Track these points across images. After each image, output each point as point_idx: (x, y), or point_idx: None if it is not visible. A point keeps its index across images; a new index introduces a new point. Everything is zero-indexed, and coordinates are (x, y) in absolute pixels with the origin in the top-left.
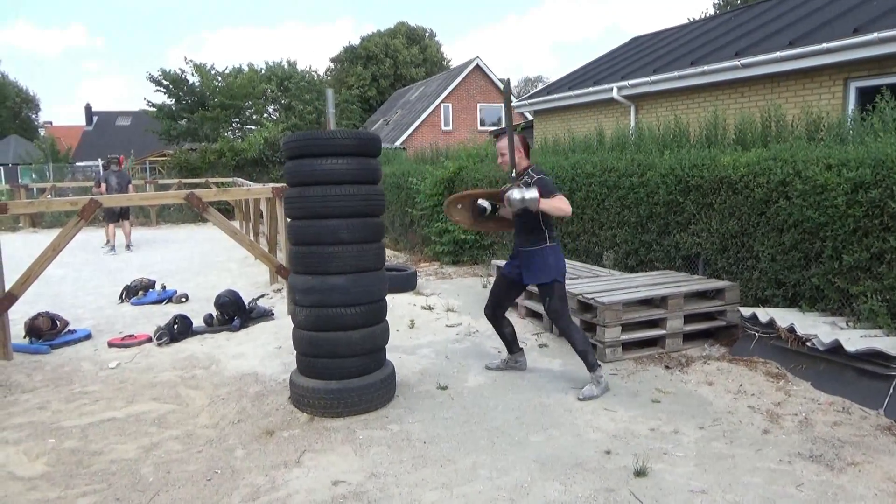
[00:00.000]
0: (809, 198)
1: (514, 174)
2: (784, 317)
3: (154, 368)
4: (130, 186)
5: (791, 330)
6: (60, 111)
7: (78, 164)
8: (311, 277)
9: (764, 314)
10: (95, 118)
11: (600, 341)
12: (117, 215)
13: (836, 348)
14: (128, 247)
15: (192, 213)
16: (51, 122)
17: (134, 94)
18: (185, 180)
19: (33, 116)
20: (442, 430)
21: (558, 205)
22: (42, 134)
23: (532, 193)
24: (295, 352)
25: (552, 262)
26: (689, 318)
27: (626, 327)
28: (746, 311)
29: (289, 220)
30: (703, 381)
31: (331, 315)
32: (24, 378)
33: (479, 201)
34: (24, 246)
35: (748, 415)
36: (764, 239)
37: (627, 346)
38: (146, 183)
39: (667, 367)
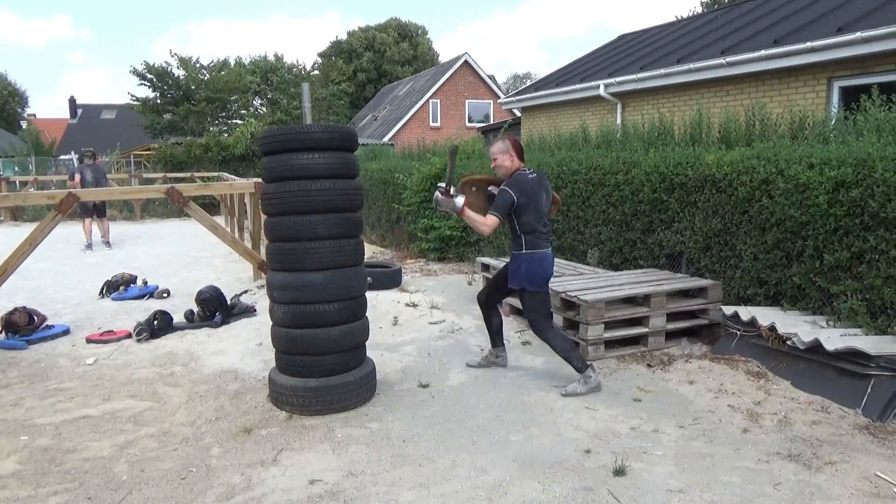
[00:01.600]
0: (791, 196)
1: (444, 185)
2: (765, 315)
3: (132, 365)
4: (107, 180)
5: (772, 328)
6: (44, 103)
7: (62, 157)
8: (289, 274)
9: (745, 313)
10: (80, 111)
11: (583, 339)
12: (91, 210)
13: (815, 347)
14: (106, 244)
15: (176, 207)
16: (34, 115)
17: (119, 87)
18: (169, 174)
19: (20, 110)
20: (422, 429)
21: (476, 223)
22: (24, 126)
23: (457, 203)
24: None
25: (523, 270)
26: (671, 317)
27: (609, 325)
28: (728, 310)
29: (265, 216)
30: (684, 380)
31: (309, 312)
32: None
33: (490, 188)
34: (4, 239)
35: (728, 414)
36: (746, 237)
37: (610, 344)
38: (131, 177)
39: (649, 366)
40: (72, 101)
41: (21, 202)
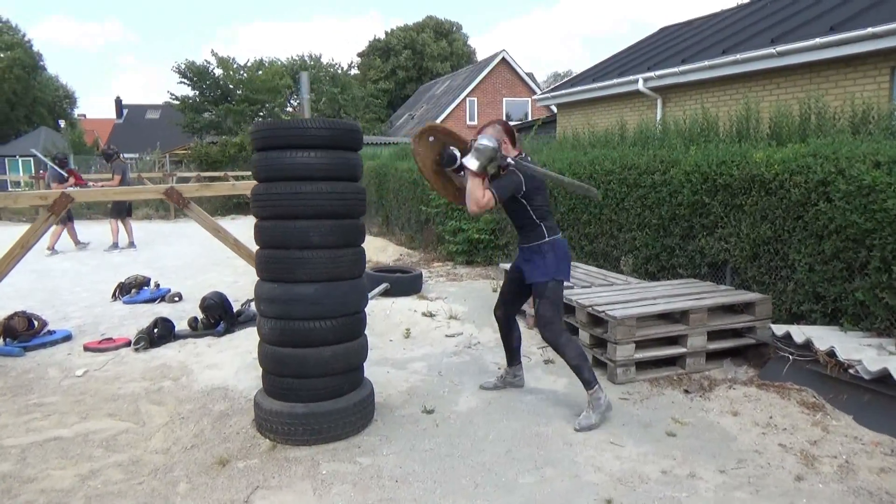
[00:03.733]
0: (854, 200)
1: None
2: (823, 337)
3: (121, 378)
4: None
5: (831, 354)
6: (96, 104)
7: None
8: (276, 285)
9: (799, 333)
10: (125, 111)
11: (611, 360)
12: (124, 211)
13: (884, 377)
14: (131, 244)
15: (212, 206)
16: (84, 115)
17: (165, 88)
18: (203, 173)
19: (70, 111)
20: (419, 466)
21: (476, 191)
22: (62, 125)
23: (491, 144)
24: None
25: (550, 260)
26: (712, 335)
27: (641, 344)
28: (779, 330)
29: (256, 220)
30: (726, 410)
31: (297, 329)
32: None
33: (452, 148)
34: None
35: (779, 455)
36: (801, 246)
37: (642, 365)
38: (166, 176)
39: (686, 392)
40: (118, 101)
41: (12, 203)
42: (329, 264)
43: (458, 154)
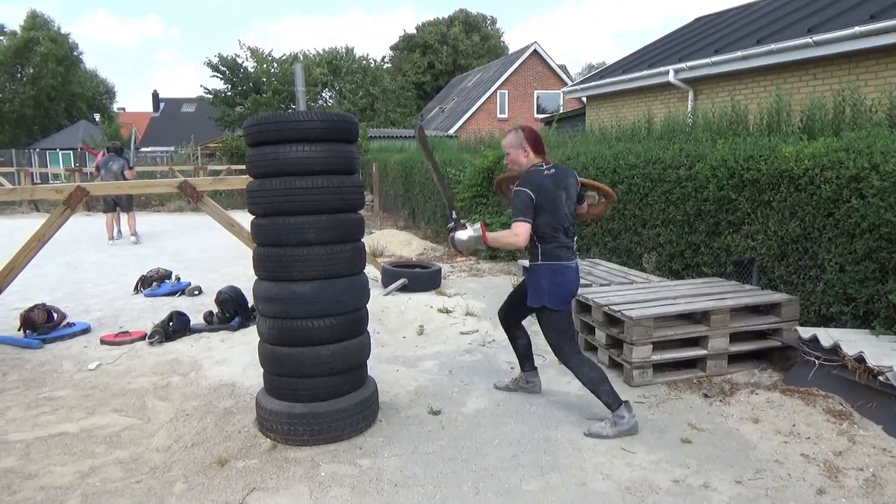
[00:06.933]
0: (889, 197)
1: (453, 215)
2: (852, 341)
3: (132, 372)
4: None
5: (860, 360)
6: (135, 98)
7: (143, 149)
8: (273, 284)
9: (826, 337)
10: (162, 105)
11: (627, 361)
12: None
13: None
14: (130, 236)
15: (244, 199)
16: (124, 109)
17: (200, 83)
18: (234, 166)
19: (109, 105)
20: (420, 469)
21: (506, 239)
22: (97, 119)
23: (476, 232)
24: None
25: (544, 285)
26: (735, 337)
27: (659, 346)
28: (806, 333)
29: (252, 217)
30: (747, 417)
31: (294, 328)
32: None
33: None
34: (64, 229)
35: (800, 466)
36: (831, 245)
37: (660, 367)
38: (196, 169)
39: (705, 396)
40: (155, 95)
41: (28, 196)
42: (326, 261)
43: None
